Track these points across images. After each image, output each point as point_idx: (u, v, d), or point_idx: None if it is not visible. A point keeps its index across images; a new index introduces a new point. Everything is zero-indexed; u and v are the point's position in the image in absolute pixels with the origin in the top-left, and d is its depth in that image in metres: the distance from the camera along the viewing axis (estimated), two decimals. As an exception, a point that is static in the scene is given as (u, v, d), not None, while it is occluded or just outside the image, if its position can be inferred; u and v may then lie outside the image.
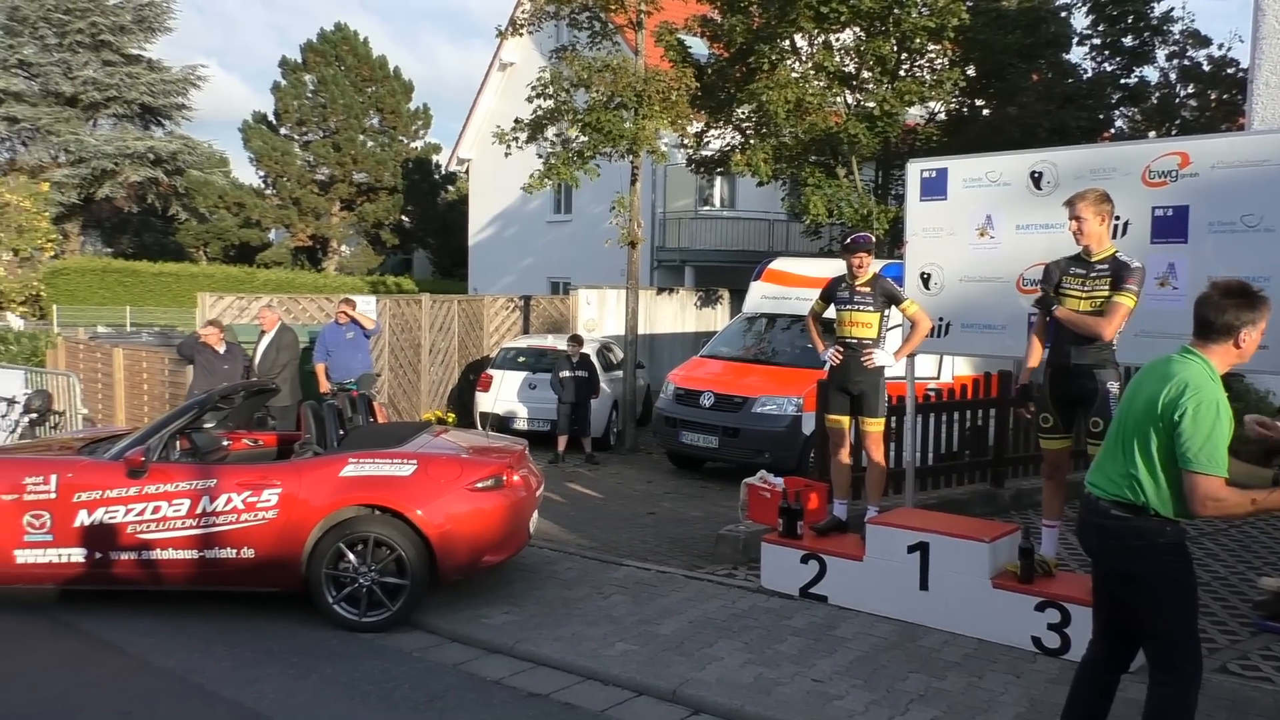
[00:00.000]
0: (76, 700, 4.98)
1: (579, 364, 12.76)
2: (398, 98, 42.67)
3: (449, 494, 6.20)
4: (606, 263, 20.08)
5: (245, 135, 41.55)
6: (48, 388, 11.64)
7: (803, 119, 15.35)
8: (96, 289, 34.26)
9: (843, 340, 6.68)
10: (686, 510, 10.06)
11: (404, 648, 5.78)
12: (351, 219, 43.17)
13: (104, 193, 38.94)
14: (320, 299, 14.37)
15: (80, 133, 38.19)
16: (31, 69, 37.76)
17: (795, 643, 5.71)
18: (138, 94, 39.41)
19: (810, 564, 6.46)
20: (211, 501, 6.13)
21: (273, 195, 42.85)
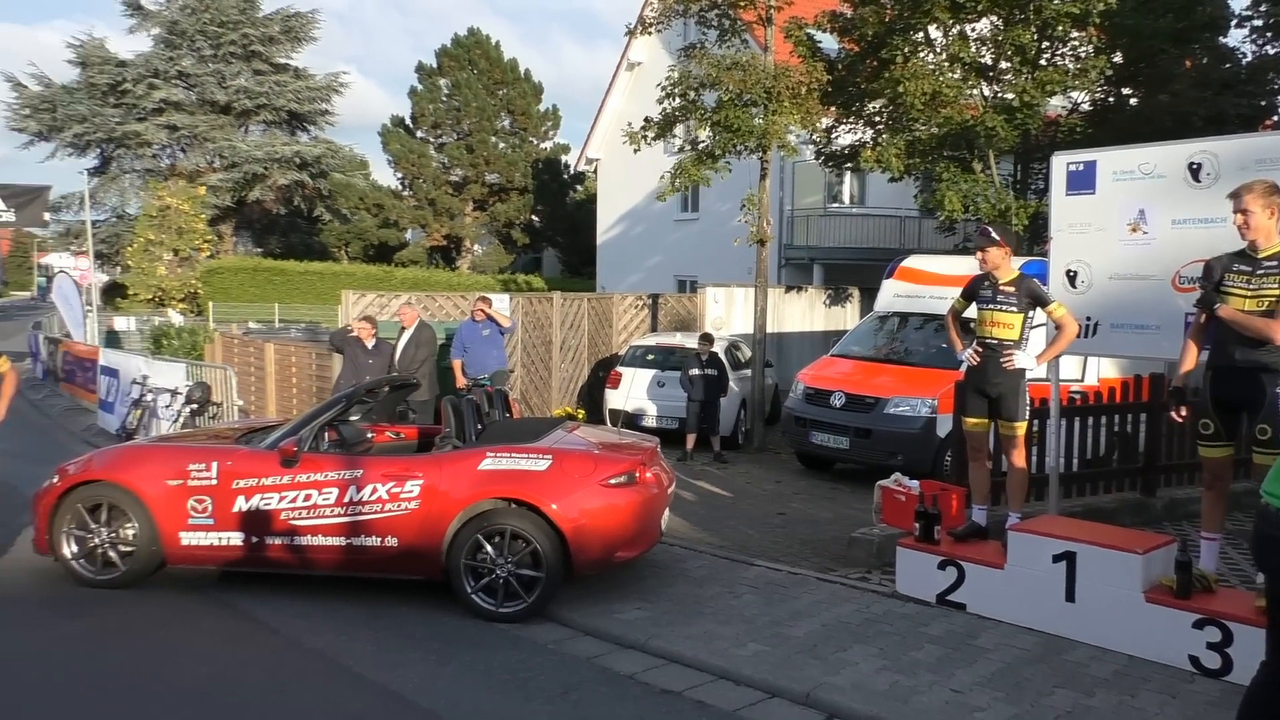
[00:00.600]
0: (236, 676, 5.25)
1: (709, 362, 12.75)
2: (528, 99, 43.51)
3: (583, 489, 6.28)
4: (733, 261, 20.00)
5: (384, 139, 43.09)
6: (207, 380, 12.30)
7: (937, 112, 14.94)
8: (248, 287, 36.14)
9: (982, 340, 6.44)
10: (817, 511, 9.93)
11: (539, 639, 5.88)
12: (483, 219, 44.25)
13: (254, 195, 41.06)
14: (455, 296, 14.77)
15: (233, 139, 40.34)
16: (189, 79, 40.09)
17: (932, 651, 5.56)
18: (285, 101, 41.38)
19: (948, 570, 6.28)
20: (358, 491, 6.37)
21: (409, 196, 44.31)
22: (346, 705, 4.91)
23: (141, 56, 40.14)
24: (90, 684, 5.10)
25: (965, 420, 6.66)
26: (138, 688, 5.04)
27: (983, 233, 6.46)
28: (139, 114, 39.49)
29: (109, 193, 41.50)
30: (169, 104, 39.39)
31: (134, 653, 5.56)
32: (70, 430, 14.38)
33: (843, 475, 11.80)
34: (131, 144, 40.10)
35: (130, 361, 13.75)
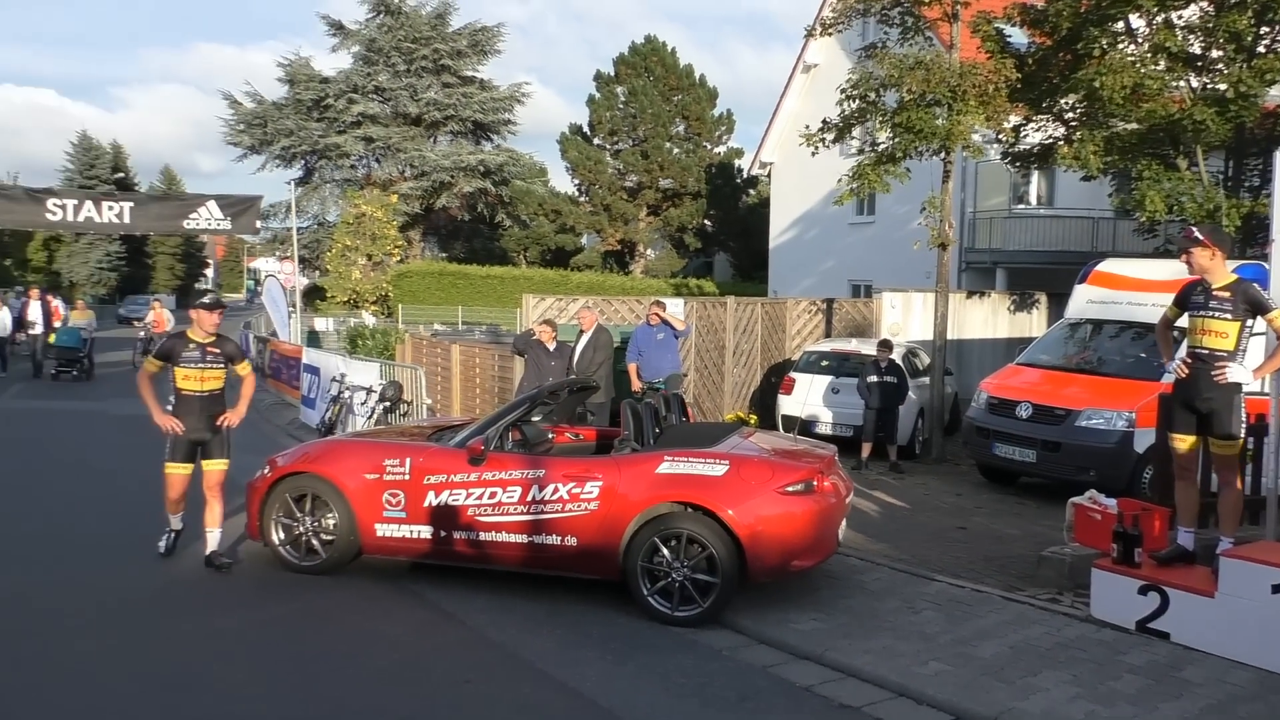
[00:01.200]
0: (426, 664, 5.48)
1: (888, 369, 12.42)
2: (702, 105, 43.65)
3: (760, 496, 6.22)
4: (910, 265, 19.41)
5: (562, 146, 44.18)
6: (399, 379, 12.93)
7: (1138, 106, 14.02)
8: (434, 290, 37.82)
9: (1193, 351, 5.97)
10: (1001, 527, 9.49)
11: (714, 645, 5.86)
12: (657, 224, 44.71)
13: (441, 203, 42.97)
14: (630, 300, 14.96)
15: (423, 149, 42.32)
16: (384, 94, 42.35)
17: (1132, 681, 5.21)
18: (471, 112, 43.10)
19: (1150, 596, 5.87)
20: (540, 490, 6.53)
21: (585, 202, 45.28)
22: (528, 699, 5.04)
23: (342, 73, 42.72)
24: (293, 664, 5.44)
25: (1172, 437, 6.18)
26: (336, 670, 5.34)
27: (1187, 234, 6.00)
28: (339, 127, 42.02)
29: (311, 201, 44.34)
30: (366, 117, 41.73)
31: (332, 636, 5.90)
32: (276, 423, 15.40)
33: (1028, 489, 11.25)
34: (332, 155, 42.73)
35: (330, 360, 14.60)
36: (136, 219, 19.12)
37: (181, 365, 7.08)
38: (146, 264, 67.51)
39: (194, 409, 7.10)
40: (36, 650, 5.48)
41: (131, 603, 6.34)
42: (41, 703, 4.80)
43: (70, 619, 5.98)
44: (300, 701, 4.92)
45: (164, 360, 7.11)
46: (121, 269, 61.58)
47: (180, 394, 7.11)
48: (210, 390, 7.16)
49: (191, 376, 7.09)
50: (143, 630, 5.83)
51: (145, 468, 11.26)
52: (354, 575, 7.02)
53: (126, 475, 10.75)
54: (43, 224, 19.55)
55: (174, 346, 7.14)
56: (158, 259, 70.44)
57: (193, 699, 4.90)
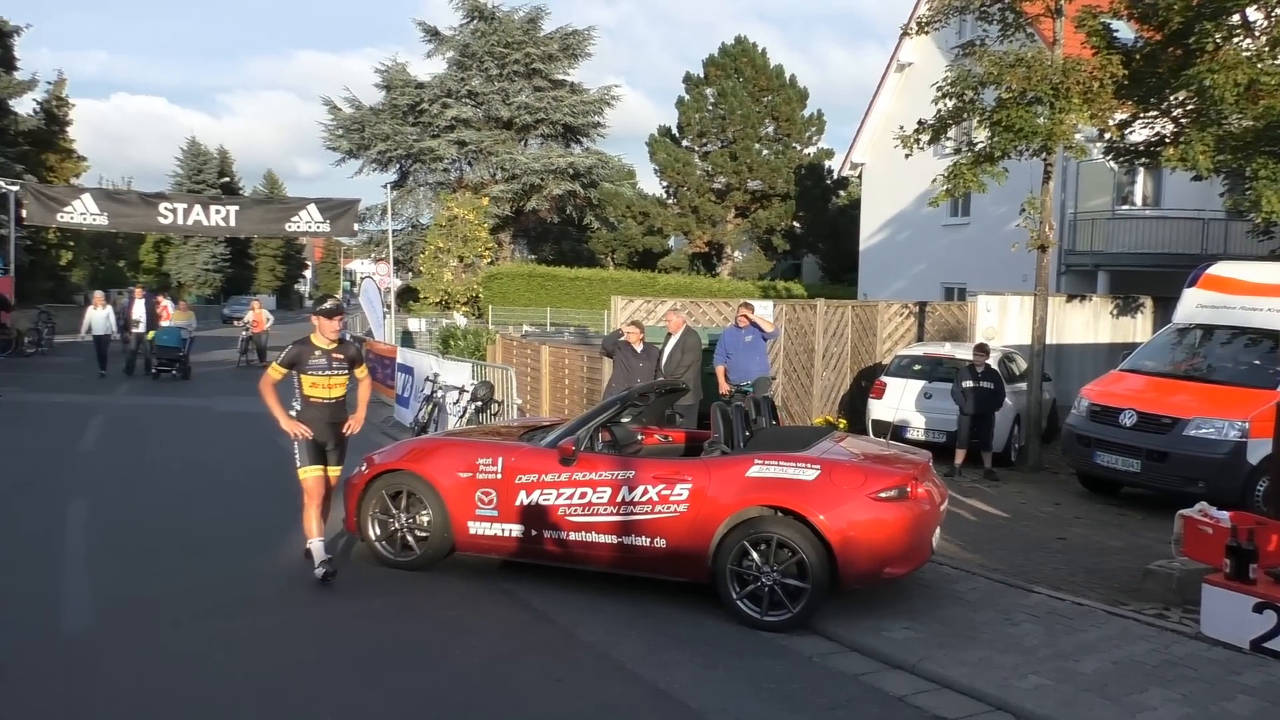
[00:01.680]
0: (519, 661, 5.55)
1: (984, 374, 12.13)
2: (792, 105, 43.29)
3: (852, 501, 6.15)
4: (1006, 268, 18.92)
5: (651, 149, 44.29)
6: (490, 379, 13.12)
7: (1254, 103, 13.40)
8: (523, 291, 38.30)
9: None
10: (1103, 539, 9.18)
11: (804, 651, 5.81)
12: (745, 225, 44.49)
13: (531, 205, 43.47)
14: (718, 303, 14.91)
15: (514, 152, 42.90)
16: (477, 98, 43.05)
17: (1247, 703, 4.99)
18: (561, 115, 43.50)
19: (1266, 614, 5.61)
20: (630, 492, 6.56)
21: (673, 204, 45.31)
22: (618, 699, 5.06)
23: (437, 78, 43.56)
24: (390, 657, 5.56)
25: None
26: (431, 665, 5.45)
27: None
28: (433, 131, 42.87)
29: (405, 204, 45.32)
30: (459, 121, 42.48)
31: (427, 631, 6.01)
32: (371, 422, 15.68)
33: (1131, 500, 10.87)
34: (426, 159, 43.61)
35: (423, 360, 14.89)
36: (241, 222, 19.86)
37: (309, 373, 6.93)
38: (249, 266, 70.06)
39: (322, 415, 6.99)
40: (145, 640, 5.71)
41: (234, 594, 6.57)
42: (149, 692, 4.99)
43: (178, 609, 6.22)
44: (397, 695, 5.03)
45: (289, 368, 6.95)
46: (226, 270, 64.10)
47: (308, 401, 6.97)
48: (336, 397, 7.05)
49: (319, 384, 6.96)
50: (246, 621, 6.03)
51: (252, 461, 11.69)
52: (447, 572, 7.14)
53: (234, 469, 11.14)
54: (155, 227, 20.44)
55: (300, 354, 6.95)
56: (260, 261, 73.03)
57: (295, 689, 5.05)
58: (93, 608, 6.16)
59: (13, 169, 30.51)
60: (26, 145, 36.34)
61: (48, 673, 5.06)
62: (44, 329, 26.07)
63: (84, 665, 5.21)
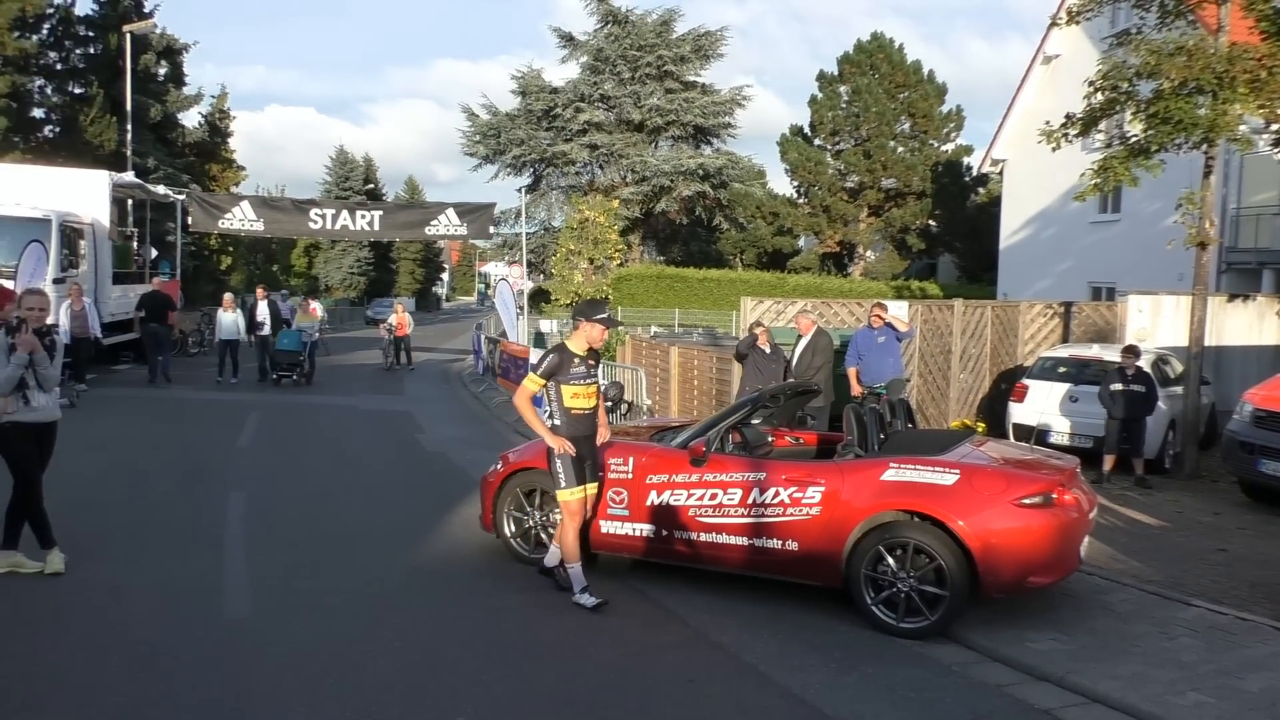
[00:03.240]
0: (649, 661, 5.59)
1: (1134, 377, 11.55)
2: (930, 101, 42.28)
3: (993, 507, 5.95)
4: (1158, 266, 17.95)
5: (782, 148, 43.97)
6: (620, 380, 13.26)
7: None
8: (652, 293, 38.60)
9: None
10: (1270, 550, 8.61)
11: (943, 660, 5.66)
12: (878, 225, 43.67)
13: (660, 207, 43.71)
14: (850, 303, 14.67)
15: (644, 154, 43.23)
16: (609, 101, 43.59)
17: None
18: (692, 117, 43.59)
19: None
20: (761, 494, 6.52)
21: (804, 204, 44.85)
22: (752, 702, 5.04)
23: (570, 83, 44.32)
24: (526, 652, 5.68)
25: None
26: (565, 661, 5.54)
27: None
28: (566, 135, 43.64)
29: (538, 207, 46.29)
30: (591, 125, 43.12)
31: (562, 628, 6.11)
32: (505, 421, 16.14)
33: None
34: (559, 163, 44.44)
35: (556, 360, 15.14)
36: (385, 226, 20.60)
37: (571, 383, 6.48)
38: (391, 269, 72.78)
39: (582, 428, 6.56)
40: (297, 629, 5.99)
41: (381, 586, 6.81)
42: (301, 678, 5.23)
43: (329, 600, 6.50)
44: (533, 690, 5.13)
45: (549, 378, 6.48)
46: (369, 273, 66.76)
47: (569, 414, 6.51)
48: (594, 407, 6.66)
49: (580, 394, 6.52)
50: (392, 613, 6.26)
51: (393, 457, 12.15)
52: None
53: (376, 464, 11.60)
54: (306, 232, 21.38)
55: (560, 363, 6.47)
56: (400, 264, 75.78)
57: (437, 680, 5.21)
58: (250, 596, 6.50)
59: (180, 179, 32.61)
60: (192, 156, 38.74)
61: (212, 657, 5.37)
62: (205, 330, 27.68)
63: (243, 651, 5.50)
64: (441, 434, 14.27)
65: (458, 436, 14.09)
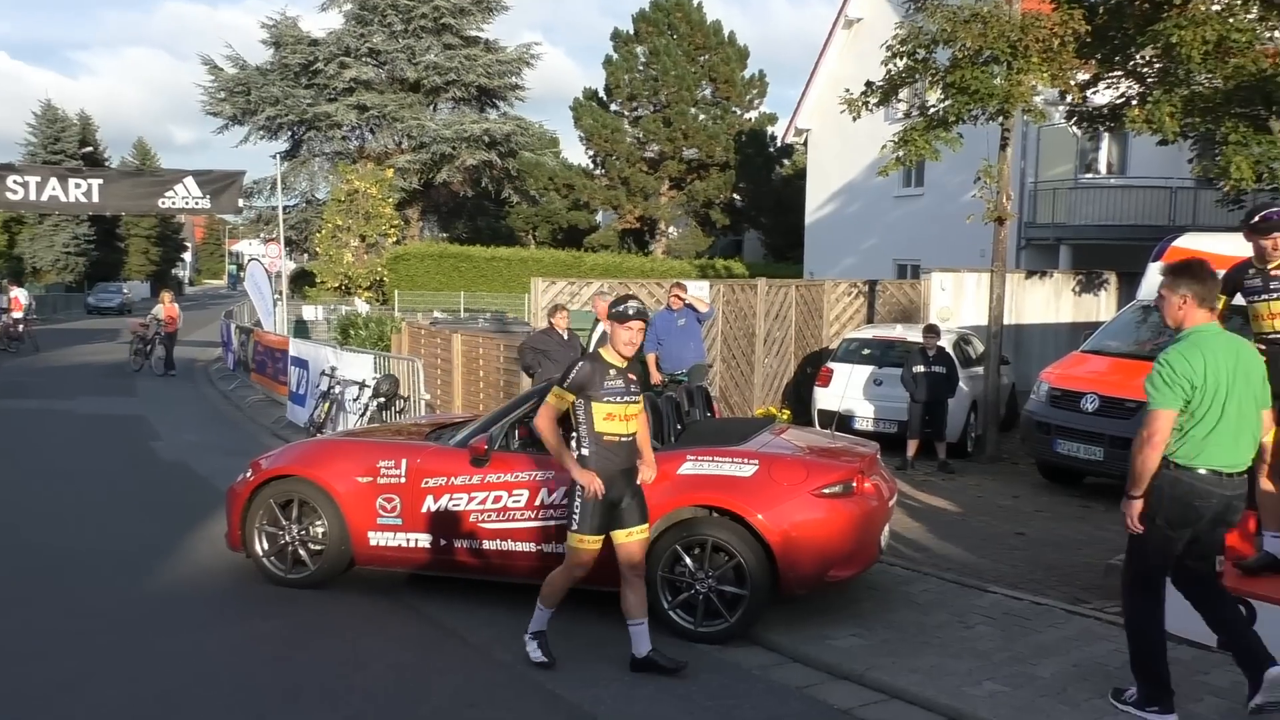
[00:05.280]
0: (426, 686, 5.52)
1: (935, 358, 12.37)
2: (731, 65, 43.48)
3: (793, 499, 6.23)
4: (963, 242, 19.32)
5: (575, 113, 44.12)
6: (394, 372, 13.00)
7: (1224, 61, 13.85)
8: (433, 274, 37.93)
9: (1262, 337, 6.03)
10: (1065, 532, 9.45)
11: (743, 664, 5.88)
12: (680, 198, 44.61)
13: (442, 177, 43.04)
14: (649, 284, 14.96)
15: (422, 118, 42.39)
16: (380, 57, 42.44)
17: (1214, 705, 5.20)
18: (475, 76, 43.08)
19: (1232, 609, 5.82)
20: (549, 494, 6.56)
21: (601, 175, 45.23)
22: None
23: (333, 34, 42.81)
24: (282, 686, 5.49)
25: (1251, 430, 6.16)
26: (328, 693, 5.39)
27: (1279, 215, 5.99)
28: (329, 94, 42.18)
29: (298, 177, 44.59)
30: (359, 83, 41.86)
31: (324, 656, 5.95)
32: (261, 423, 15.54)
33: (1095, 491, 11.18)
34: (322, 126, 42.90)
35: (319, 352, 14.69)
36: (106, 198, 19.30)
37: (604, 400, 5.63)
38: (118, 247, 68.10)
39: (617, 460, 5.68)
40: (15, 669, 5.55)
41: (113, 620, 6.42)
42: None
43: (51, 637, 6.05)
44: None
45: (577, 392, 5.65)
46: (90, 253, 62.12)
47: (601, 441, 5.64)
48: (634, 433, 5.79)
49: (615, 415, 5.65)
50: (124, 649, 5.91)
51: (120, 471, 11.42)
52: (346, 589, 7.07)
53: (104, 482, 10.89)
54: (2, 203, 19.71)
55: (592, 374, 5.62)
56: (131, 242, 71.09)
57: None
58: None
59: None
60: None
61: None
62: None
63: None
64: (182, 440, 13.58)
65: (201, 442, 13.44)
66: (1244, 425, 4.91)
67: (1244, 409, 4.89)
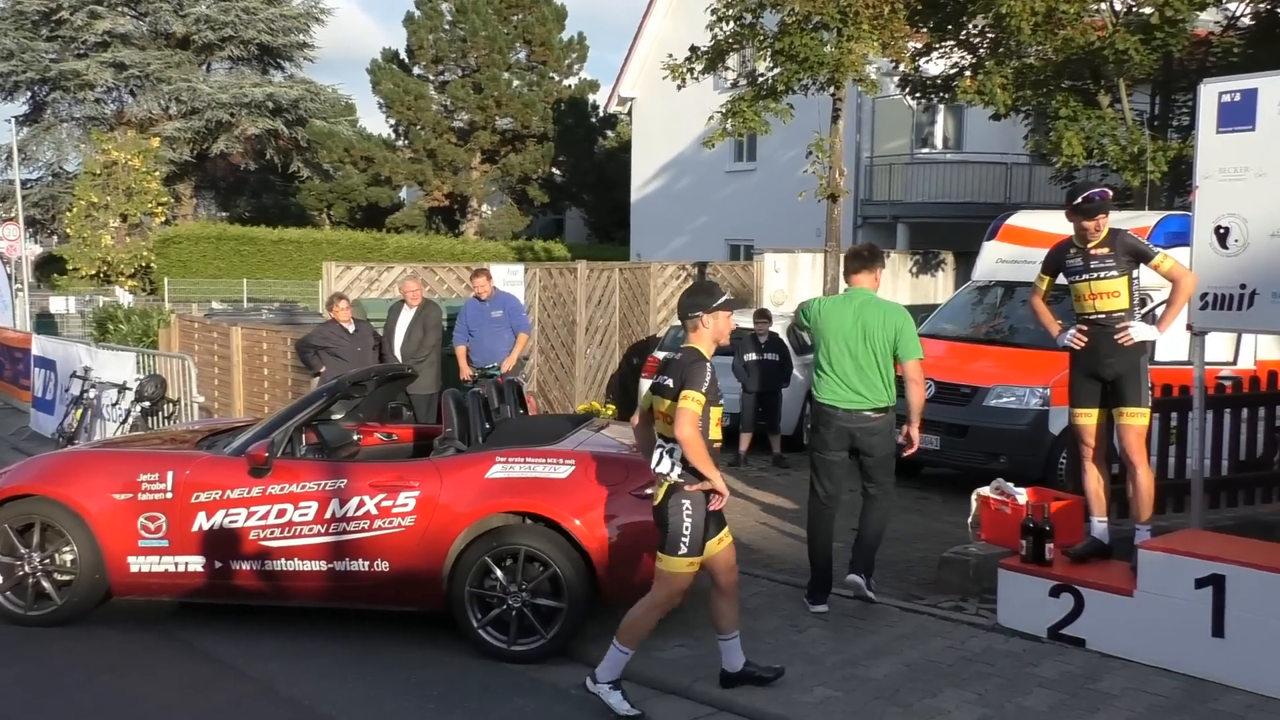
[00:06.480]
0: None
1: (768, 345, 12.70)
2: (548, 26, 43.55)
3: (612, 501, 6.32)
4: (799, 221, 19.92)
5: (374, 77, 43.35)
6: (161, 372, 12.50)
7: (1054, 33, 14.73)
8: (211, 259, 36.67)
9: (1084, 318, 6.49)
10: (899, 526, 9.78)
11: (560, 683, 5.93)
12: (494, 173, 44.43)
13: (219, 148, 41.59)
14: (459, 268, 14.84)
15: (193, 79, 40.85)
16: (139, 7, 40.62)
17: (1044, 696, 5.54)
18: (255, 33, 41.78)
19: (1063, 598, 6.24)
20: (341, 505, 6.45)
21: (405, 148, 44.59)
22: (328, 763, 5.00)
23: (82, -22, 40.75)
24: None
25: (1075, 414, 6.64)
26: (80, 742, 5.17)
27: (1104, 197, 6.45)
28: (78, 49, 40.11)
29: (42, 145, 42.29)
30: (115, 37, 39.96)
31: (76, 704, 5.69)
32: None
33: (932, 482, 11.71)
34: (69, 86, 40.72)
35: (69, 351, 14.02)
36: None
37: (718, 402, 5.74)
38: None
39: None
40: None
41: None
42: None
43: None
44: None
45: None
46: None
47: (712, 448, 5.64)
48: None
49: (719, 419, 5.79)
50: None
51: None
52: (102, 623, 6.80)
53: None
54: None
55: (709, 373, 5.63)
56: None
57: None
58: None
59: None
60: None
61: None
62: None
63: None
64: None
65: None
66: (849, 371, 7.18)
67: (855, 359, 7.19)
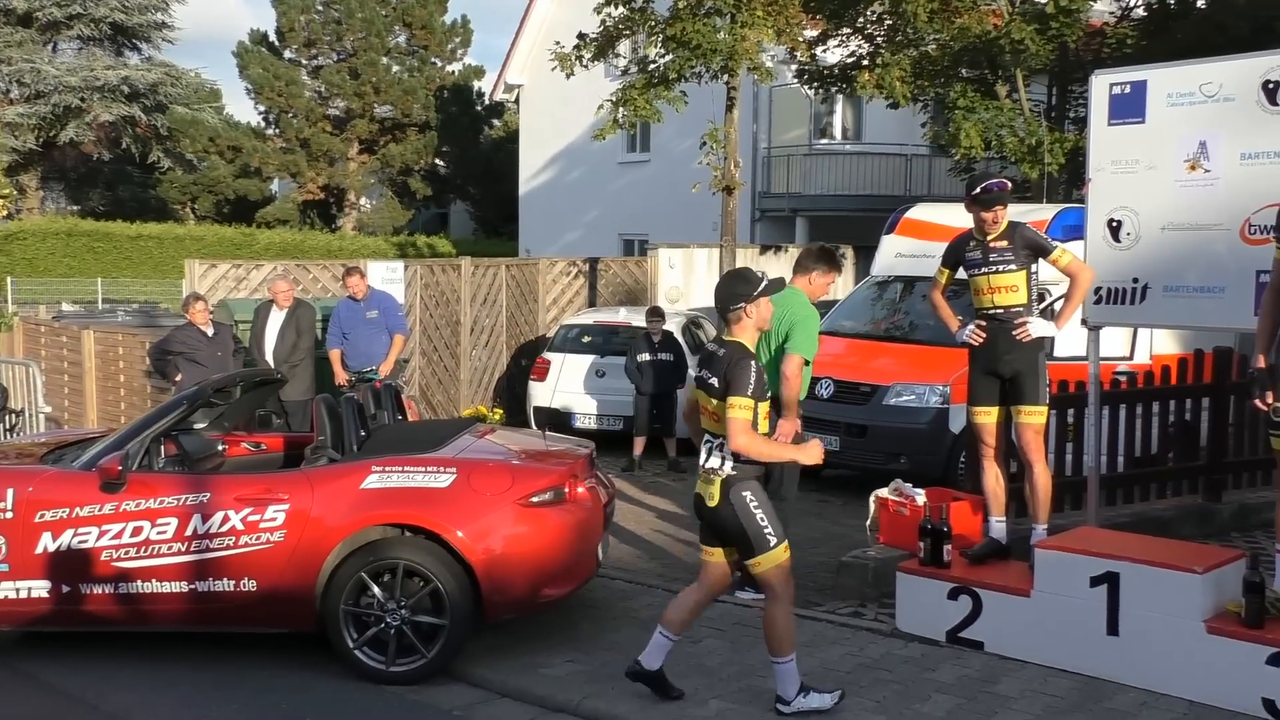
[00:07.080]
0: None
1: (662, 344, 12.77)
2: (429, 8, 43.23)
3: (496, 511, 6.30)
4: (695, 214, 20.08)
5: (241, 61, 42.57)
6: (3, 380, 12.14)
7: (950, 22, 15.10)
8: (60, 256, 35.66)
9: (983, 313, 6.64)
10: (798, 530, 9.87)
11: (442, 704, 5.91)
12: (373, 165, 43.94)
13: (68, 136, 40.33)
14: (335, 266, 14.63)
15: (37, 60, 39.55)
16: (-24, -19, 39.19)
17: (942, 702, 5.68)
18: (108, 10, 40.62)
19: (961, 600, 6.40)
20: (204, 521, 6.32)
21: (276, 136, 43.86)
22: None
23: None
24: None
25: (974, 411, 6.79)
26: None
27: (1003, 188, 6.59)
28: (-95, 27, 38.62)
29: None
30: (-54, 13, 38.58)
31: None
32: None
33: (832, 484, 11.90)
34: (-106, 67, 39.25)
35: (-100, 358, 13.55)
36: None
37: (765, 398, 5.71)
38: None
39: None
40: None
41: None
42: None
43: None
44: None
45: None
46: None
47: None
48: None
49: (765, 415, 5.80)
50: None
51: None
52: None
53: None
54: None
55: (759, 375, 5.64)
56: None
57: None
58: None
59: None
60: None
61: None
62: None
63: None
64: None
65: None
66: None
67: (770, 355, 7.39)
